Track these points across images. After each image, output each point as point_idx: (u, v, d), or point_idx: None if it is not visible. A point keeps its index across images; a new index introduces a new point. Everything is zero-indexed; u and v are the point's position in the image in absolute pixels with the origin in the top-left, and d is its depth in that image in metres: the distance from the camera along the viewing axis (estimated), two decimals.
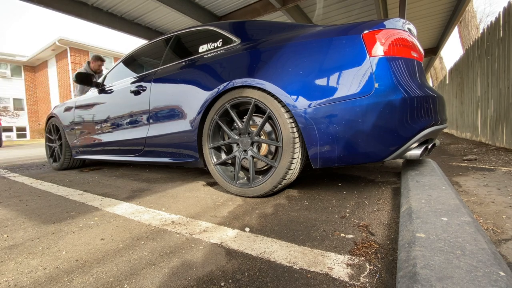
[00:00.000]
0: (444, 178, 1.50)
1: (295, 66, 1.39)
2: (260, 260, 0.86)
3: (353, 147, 1.29)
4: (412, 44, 1.42)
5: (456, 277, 0.58)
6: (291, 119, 1.41)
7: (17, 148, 9.24)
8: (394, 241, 0.94)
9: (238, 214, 1.30)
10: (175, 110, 1.91)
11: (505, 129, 3.09)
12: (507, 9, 3.03)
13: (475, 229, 0.81)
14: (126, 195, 1.77)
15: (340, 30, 1.37)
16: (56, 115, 3.15)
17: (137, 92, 2.21)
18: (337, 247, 0.92)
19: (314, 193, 1.60)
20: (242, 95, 1.57)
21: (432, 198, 1.13)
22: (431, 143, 1.49)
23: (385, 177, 1.91)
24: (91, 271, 0.85)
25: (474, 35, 8.77)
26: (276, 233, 1.06)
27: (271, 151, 1.63)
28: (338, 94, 1.28)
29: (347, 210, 1.28)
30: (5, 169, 3.37)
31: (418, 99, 1.28)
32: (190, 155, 1.87)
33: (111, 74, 2.78)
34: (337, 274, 0.76)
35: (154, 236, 1.09)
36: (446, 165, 2.29)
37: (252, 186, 1.53)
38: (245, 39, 1.75)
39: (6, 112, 18.19)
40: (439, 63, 12.44)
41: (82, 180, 2.41)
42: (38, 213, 1.46)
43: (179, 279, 0.78)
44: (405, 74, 1.31)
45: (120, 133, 2.41)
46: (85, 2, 4.78)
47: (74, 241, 1.08)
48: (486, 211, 1.16)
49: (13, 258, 0.96)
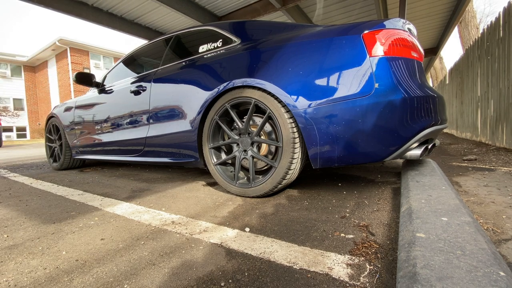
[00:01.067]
0: (444, 178, 1.50)
1: (295, 66, 1.39)
2: (260, 260, 0.86)
3: (353, 147, 1.29)
4: (412, 44, 1.42)
5: (456, 277, 0.58)
6: (291, 119, 1.42)
7: (17, 148, 9.24)
8: (394, 241, 0.94)
9: (238, 214, 1.30)
10: (175, 110, 1.91)
11: (505, 129, 3.09)
12: (507, 9, 3.03)
13: (475, 229, 0.81)
14: (126, 195, 1.77)
15: (340, 30, 1.37)
16: (56, 115, 3.15)
17: (137, 92, 2.21)
18: (337, 247, 0.92)
19: (314, 193, 1.60)
20: (242, 95, 1.57)
21: (432, 198, 1.13)
22: (431, 143, 1.49)
23: (385, 177, 1.91)
24: (91, 271, 0.85)
25: (474, 35, 8.77)
26: (276, 233, 1.06)
27: (271, 151, 1.63)
28: (338, 94, 1.28)
29: (347, 210, 1.28)
30: (5, 169, 3.37)
31: (418, 99, 1.28)
32: (190, 155, 1.87)
33: (111, 74, 2.78)
34: (337, 274, 0.76)
35: (154, 236, 1.09)
36: (446, 165, 2.29)
37: (252, 186, 1.54)
38: (245, 39, 1.75)
39: (6, 112, 18.19)
40: (439, 63, 12.44)
41: (82, 180, 2.41)
42: (38, 213, 1.46)
43: (179, 279, 0.78)
44: (405, 74, 1.31)
45: (120, 133, 2.41)
46: (85, 2, 4.78)
47: (74, 241, 1.08)
48: (486, 211, 1.16)
49: (13, 258, 0.96)
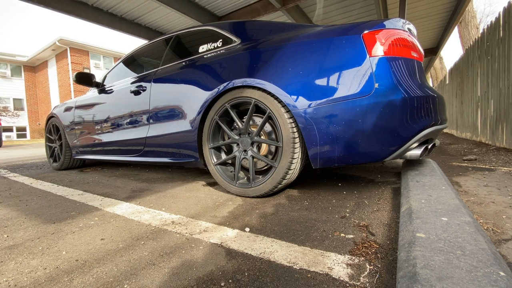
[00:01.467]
0: (444, 178, 1.50)
1: (295, 66, 1.39)
2: (260, 260, 0.86)
3: (353, 147, 1.29)
4: (412, 44, 1.42)
5: (456, 277, 0.58)
6: (291, 119, 1.41)
7: (17, 148, 9.24)
8: (394, 241, 0.94)
9: (238, 214, 1.30)
10: (175, 110, 1.91)
11: (505, 129, 3.09)
12: (507, 9, 3.03)
13: (475, 229, 0.81)
14: (126, 195, 1.77)
15: (340, 30, 1.37)
16: (56, 115, 3.15)
17: (137, 92, 2.21)
18: (337, 247, 0.92)
19: (314, 193, 1.60)
20: (242, 95, 1.57)
21: (432, 198, 1.13)
22: (431, 143, 1.49)
23: (385, 177, 1.91)
24: (91, 271, 0.85)
25: (474, 35, 8.77)
26: (276, 233, 1.06)
27: (271, 151, 1.63)
28: (338, 94, 1.28)
29: (347, 210, 1.28)
30: (5, 169, 3.37)
31: (418, 99, 1.28)
32: (190, 155, 1.87)
33: (111, 74, 2.78)
34: (337, 274, 0.76)
35: (154, 236, 1.09)
36: (446, 165, 2.29)
37: (252, 186, 1.53)
38: (245, 39, 1.75)
39: (6, 112, 18.20)
40: (439, 63, 12.44)
41: (82, 180, 2.41)
42: (38, 213, 1.46)
43: (179, 279, 0.78)
44: (405, 74, 1.31)
45: (120, 133, 2.41)
46: (85, 2, 4.78)
47: (74, 241, 1.08)
48: (486, 211, 1.16)
49: (13, 258, 0.96)
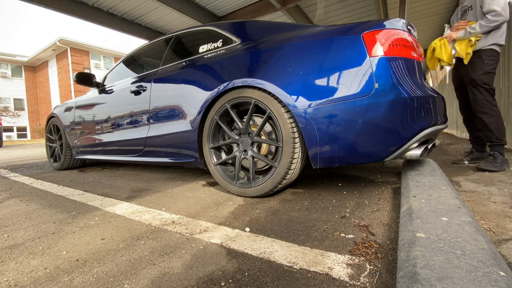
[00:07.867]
0: (444, 178, 1.50)
1: (295, 66, 1.39)
2: (260, 260, 0.86)
3: (353, 147, 1.29)
4: (412, 44, 1.43)
5: (456, 277, 0.58)
6: (291, 119, 1.42)
7: (17, 148, 9.25)
8: (394, 241, 0.94)
9: (238, 214, 1.30)
10: (176, 110, 1.91)
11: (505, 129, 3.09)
12: None
13: (475, 229, 0.81)
14: (126, 195, 1.77)
15: (340, 30, 1.37)
16: (56, 115, 3.16)
17: (137, 92, 2.21)
18: (337, 247, 0.92)
19: (314, 193, 1.60)
20: (242, 95, 1.57)
21: (432, 198, 1.13)
22: (431, 143, 1.49)
23: (385, 177, 1.91)
24: (92, 271, 0.85)
25: None
26: (276, 233, 1.06)
27: (271, 151, 1.63)
28: (338, 94, 1.28)
29: (347, 210, 1.28)
30: (6, 169, 3.37)
31: (418, 99, 1.28)
32: (191, 155, 1.87)
33: (111, 74, 2.78)
34: (337, 274, 0.76)
35: (155, 236, 1.09)
36: (446, 165, 2.29)
37: (252, 186, 1.54)
38: (245, 39, 1.75)
39: (6, 112, 18.20)
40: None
41: (83, 180, 2.41)
42: (38, 213, 1.47)
43: (179, 279, 0.78)
44: (405, 74, 1.31)
45: (120, 133, 2.41)
46: (85, 2, 4.79)
47: (74, 241, 1.08)
48: (486, 211, 1.16)
49: (13, 258, 0.96)
